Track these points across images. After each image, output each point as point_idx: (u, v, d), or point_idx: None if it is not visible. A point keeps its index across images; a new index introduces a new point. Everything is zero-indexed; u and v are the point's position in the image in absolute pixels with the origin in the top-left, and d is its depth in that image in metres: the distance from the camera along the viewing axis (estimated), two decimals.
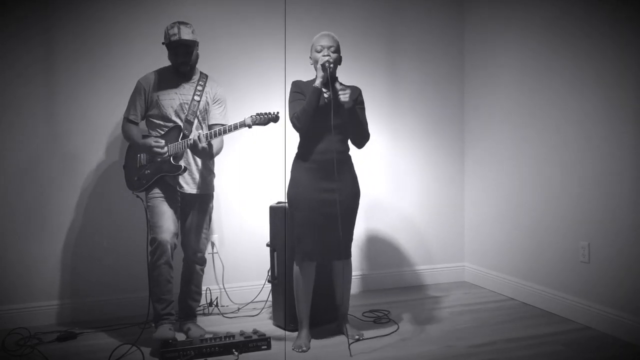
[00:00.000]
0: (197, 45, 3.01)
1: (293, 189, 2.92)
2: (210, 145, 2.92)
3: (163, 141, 2.90)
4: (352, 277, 3.24)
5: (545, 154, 3.49)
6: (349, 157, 2.99)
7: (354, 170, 3.00)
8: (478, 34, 4.13)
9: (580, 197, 3.21)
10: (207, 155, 2.99)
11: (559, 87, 3.37)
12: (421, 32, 4.19)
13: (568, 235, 3.30)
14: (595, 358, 2.73)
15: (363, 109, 2.99)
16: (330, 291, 3.12)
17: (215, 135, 2.88)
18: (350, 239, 3.02)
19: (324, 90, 2.83)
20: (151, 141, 2.89)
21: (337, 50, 2.90)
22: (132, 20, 3.50)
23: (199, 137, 2.83)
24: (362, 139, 2.96)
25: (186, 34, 2.90)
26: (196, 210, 3.06)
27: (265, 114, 2.84)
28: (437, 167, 4.26)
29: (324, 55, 2.82)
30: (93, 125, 3.44)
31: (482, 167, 4.12)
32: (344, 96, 2.77)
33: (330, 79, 2.80)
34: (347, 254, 3.00)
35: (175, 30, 2.89)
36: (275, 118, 2.85)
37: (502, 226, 3.90)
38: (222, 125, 3.04)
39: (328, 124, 2.79)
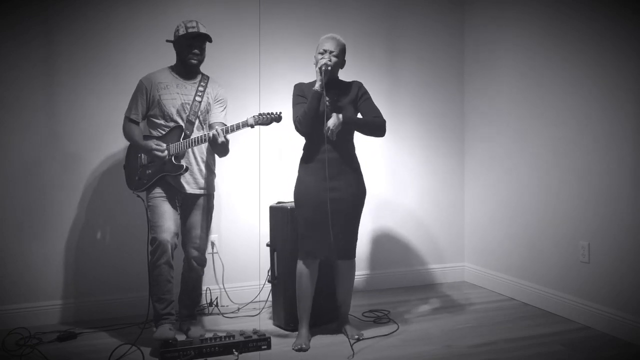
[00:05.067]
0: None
1: (298, 188, 2.94)
2: (227, 139, 2.92)
3: (164, 145, 2.90)
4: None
5: (545, 154, 3.49)
6: (355, 155, 3.00)
7: (359, 170, 3.01)
8: (478, 34, 4.14)
9: (580, 197, 3.21)
10: (225, 149, 3.00)
11: (558, 87, 3.37)
12: (421, 32, 4.19)
13: (568, 235, 3.30)
14: (595, 358, 2.73)
15: (367, 98, 3.00)
16: (331, 291, 3.12)
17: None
18: (355, 239, 3.02)
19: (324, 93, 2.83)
20: (152, 144, 2.89)
21: (340, 55, 2.92)
22: (132, 20, 3.50)
23: (217, 131, 2.85)
24: (375, 132, 2.96)
25: (203, 30, 2.97)
26: (197, 210, 3.06)
27: (268, 114, 2.85)
28: (437, 167, 4.26)
29: (323, 59, 2.84)
30: (94, 125, 3.44)
31: (482, 167, 4.12)
32: (334, 127, 2.78)
33: (326, 87, 2.80)
34: (351, 255, 3.01)
35: (194, 23, 2.95)
36: (277, 118, 2.86)
37: (502, 226, 3.90)
38: (224, 124, 3.05)
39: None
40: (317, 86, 2.80)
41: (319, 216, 2.85)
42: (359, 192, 2.98)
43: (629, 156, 2.92)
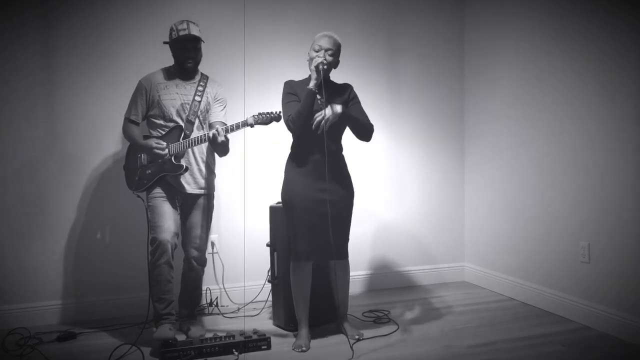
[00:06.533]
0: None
1: (287, 190, 2.92)
2: (227, 139, 2.92)
3: (164, 143, 2.90)
4: (352, 278, 3.23)
5: (545, 154, 3.49)
6: (342, 157, 2.99)
7: (347, 171, 3.00)
8: (478, 33, 4.13)
9: (580, 197, 3.21)
10: (225, 149, 2.99)
11: (558, 87, 3.37)
12: (421, 31, 4.19)
13: (568, 235, 3.30)
14: (595, 358, 2.73)
15: (358, 102, 2.98)
16: (330, 291, 3.12)
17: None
18: (346, 240, 3.01)
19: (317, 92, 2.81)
20: (152, 142, 2.89)
21: (336, 54, 2.89)
22: (132, 20, 3.50)
23: (217, 130, 2.84)
24: (366, 135, 2.94)
25: (195, 31, 2.95)
26: (197, 210, 3.06)
27: (268, 113, 2.85)
28: (437, 167, 4.26)
29: (319, 57, 2.81)
30: (93, 125, 3.44)
31: (482, 167, 4.12)
32: (332, 118, 2.77)
33: (322, 84, 2.76)
34: (343, 255, 3.00)
35: (185, 25, 2.93)
36: (277, 117, 2.86)
37: (502, 226, 3.90)
38: (224, 123, 3.05)
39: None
40: (311, 85, 2.77)
41: (313, 218, 2.83)
42: (349, 193, 2.98)
43: (629, 156, 2.91)
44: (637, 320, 2.87)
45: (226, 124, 2.99)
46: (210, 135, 2.86)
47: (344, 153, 3.02)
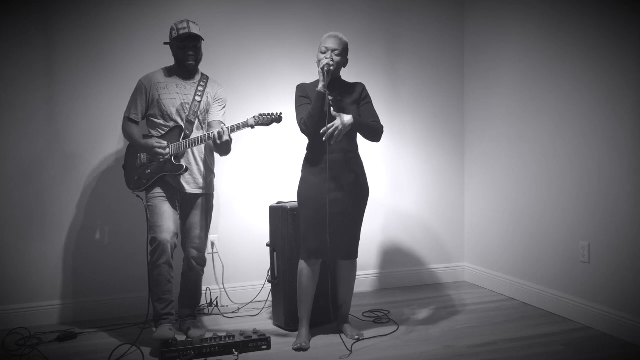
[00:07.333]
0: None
1: (302, 188, 2.94)
2: (231, 138, 2.91)
3: (165, 142, 2.89)
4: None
5: (545, 154, 3.49)
6: (358, 156, 3.00)
7: (363, 170, 3.00)
8: (478, 34, 4.13)
9: (580, 197, 3.21)
10: (228, 149, 2.97)
11: (558, 87, 3.37)
12: (421, 32, 4.18)
13: (568, 235, 3.30)
14: (595, 358, 2.73)
15: (369, 102, 2.99)
16: (332, 290, 3.12)
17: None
18: (357, 240, 3.02)
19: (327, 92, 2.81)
20: (153, 142, 2.89)
21: (343, 53, 2.89)
22: (132, 20, 3.50)
23: (222, 129, 2.83)
24: (375, 138, 2.95)
25: (195, 29, 2.95)
26: (197, 210, 3.06)
27: (269, 114, 2.84)
28: (437, 167, 4.26)
29: (325, 58, 2.82)
30: (94, 124, 3.44)
31: (482, 167, 4.12)
32: (343, 129, 2.74)
33: (329, 87, 2.77)
34: (353, 255, 3.01)
35: (185, 24, 2.94)
36: (278, 119, 2.85)
37: (502, 226, 3.90)
38: (223, 123, 3.05)
39: None
40: (320, 87, 2.78)
41: (323, 216, 2.84)
42: (362, 193, 2.98)
43: (629, 156, 2.91)
44: (637, 320, 2.87)
45: (224, 124, 2.98)
46: (213, 134, 2.85)
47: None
